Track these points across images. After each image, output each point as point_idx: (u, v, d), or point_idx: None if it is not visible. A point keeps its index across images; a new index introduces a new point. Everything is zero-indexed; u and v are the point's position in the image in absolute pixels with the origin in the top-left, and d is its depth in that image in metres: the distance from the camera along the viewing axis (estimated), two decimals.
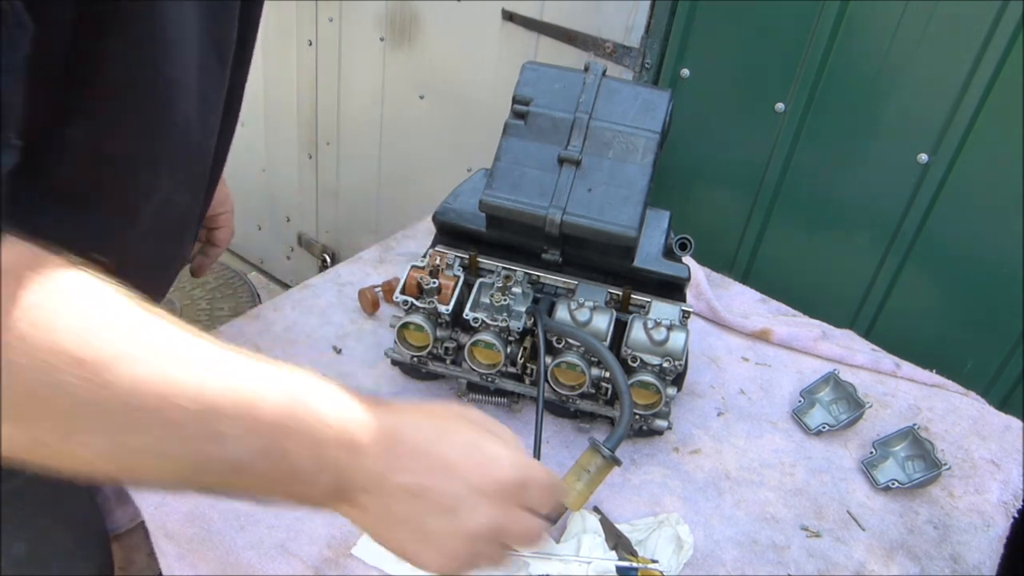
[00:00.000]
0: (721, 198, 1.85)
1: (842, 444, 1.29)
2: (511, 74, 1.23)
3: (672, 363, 1.11)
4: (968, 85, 1.45)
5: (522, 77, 1.21)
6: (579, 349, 1.12)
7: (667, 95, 1.19)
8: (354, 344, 1.36)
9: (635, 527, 1.10)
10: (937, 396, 1.42)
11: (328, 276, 1.51)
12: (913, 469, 1.24)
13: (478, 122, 2.19)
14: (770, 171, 1.73)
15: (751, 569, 1.08)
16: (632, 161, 1.15)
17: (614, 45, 1.82)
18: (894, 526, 1.17)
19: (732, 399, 1.36)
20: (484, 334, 1.13)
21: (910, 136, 1.55)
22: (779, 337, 1.49)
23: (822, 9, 1.54)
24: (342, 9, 2.36)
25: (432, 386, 1.29)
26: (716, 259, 1.74)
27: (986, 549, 1.15)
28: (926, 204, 1.59)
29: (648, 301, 1.19)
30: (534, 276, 1.21)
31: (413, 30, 2.22)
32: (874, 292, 1.74)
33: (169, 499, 1.05)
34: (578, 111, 1.17)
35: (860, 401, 1.30)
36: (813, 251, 1.78)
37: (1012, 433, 1.36)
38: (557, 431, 1.24)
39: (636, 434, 1.23)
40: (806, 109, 1.64)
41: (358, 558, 1.01)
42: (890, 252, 1.67)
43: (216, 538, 1.02)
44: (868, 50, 1.54)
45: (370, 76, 2.39)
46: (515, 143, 1.17)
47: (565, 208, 1.12)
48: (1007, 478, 1.27)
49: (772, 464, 1.24)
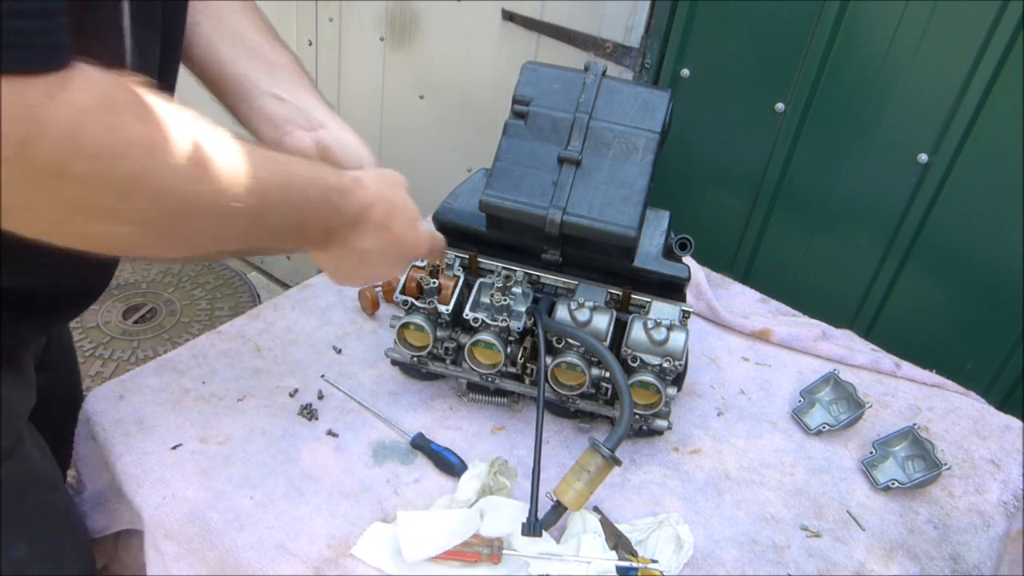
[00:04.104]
0: (721, 198, 1.85)
1: (842, 444, 1.29)
2: (511, 74, 1.23)
3: (672, 363, 1.11)
4: (968, 85, 1.45)
5: (522, 77, 1.21)
6: (579, 349, 1.12)
7: (667, 95, 1.19)
8: (354, 344, 1.36)
9: (635, 527, 1.10)
10: (937, 396, 1.42)
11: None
12: (913, 469, 1.24)
13: (478, 122, 2.19)
14: (770, 171, 1.73)
15: (751, 569, 1.08)
16: (632, 161, 1.15)
17: (614, 45, 1.82)
18: (894, 526, 1.17)
19: (732, 399, 1.36)
20: (484, 334, 1.13)
21: (910, 136, 1.55)
22: (779, 337, 1.49)
23: (822, 9, 1.54)
24: (342, 9, 2.36)
25: (432, 386, 1.29)
26: (716, 259, 1.74)
27: (986, 549, 1.15)
28: (926, 204, 1.59)
29: (648, 301, 1.19)
30: (534, 276, 1.21)
31: (413, 30, 2.22)
32: (874, 292, 1.74)
33: (169, 499, 1.05)
34: (578, 111, 1.17)
35: (860, 401, 1.30)
36: (813, 251, 1.78)
37: (1012, 433, 1.36)
38: (557, 431, 1.24)
39: (636, 434, 1.23)
40: (806, 109, 1.64)
41: (358, 558, 1.01)
42: (890, 252, 1.67)
43: (216, 538, 1.02)
44: (868, 50, 1.54)
45: (370, 76, 2.39)
46: (515, 143, 1.17)
47: (565, 208, 1.12)
48: (1007, 478, 1.27)
49: (772, 464, 1.24)
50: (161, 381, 1.22)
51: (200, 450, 1.12)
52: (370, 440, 1.18)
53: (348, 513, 1.07)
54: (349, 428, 1.19)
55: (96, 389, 1.20)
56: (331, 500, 1.08)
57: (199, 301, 2.92)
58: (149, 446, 1.12)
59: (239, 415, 1.19)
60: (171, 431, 1.14)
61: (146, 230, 0.66)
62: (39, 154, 0.55)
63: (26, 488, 0.93)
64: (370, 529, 1.04)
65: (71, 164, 0.57)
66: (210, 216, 0.70)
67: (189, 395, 1.21)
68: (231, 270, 3.08)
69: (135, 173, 0.61)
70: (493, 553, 1.00)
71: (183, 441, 1.13)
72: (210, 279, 3.03)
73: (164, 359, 1.28)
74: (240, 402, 1.21)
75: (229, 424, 1.17)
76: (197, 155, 0.65)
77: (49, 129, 0.55)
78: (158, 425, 1.15)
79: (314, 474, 1.11)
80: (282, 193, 0.76)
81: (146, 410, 1.17)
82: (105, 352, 2.64)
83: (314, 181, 0.81)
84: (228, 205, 0.70)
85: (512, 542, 1.03)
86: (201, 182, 0.66)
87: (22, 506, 0.93)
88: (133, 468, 1.09)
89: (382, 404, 1.24)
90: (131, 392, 1.20)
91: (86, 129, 0.57)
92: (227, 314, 2.84)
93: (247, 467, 1.11)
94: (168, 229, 0.68)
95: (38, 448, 0.97)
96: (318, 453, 1.15)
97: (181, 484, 1.07)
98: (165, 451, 1.11)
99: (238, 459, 1.12)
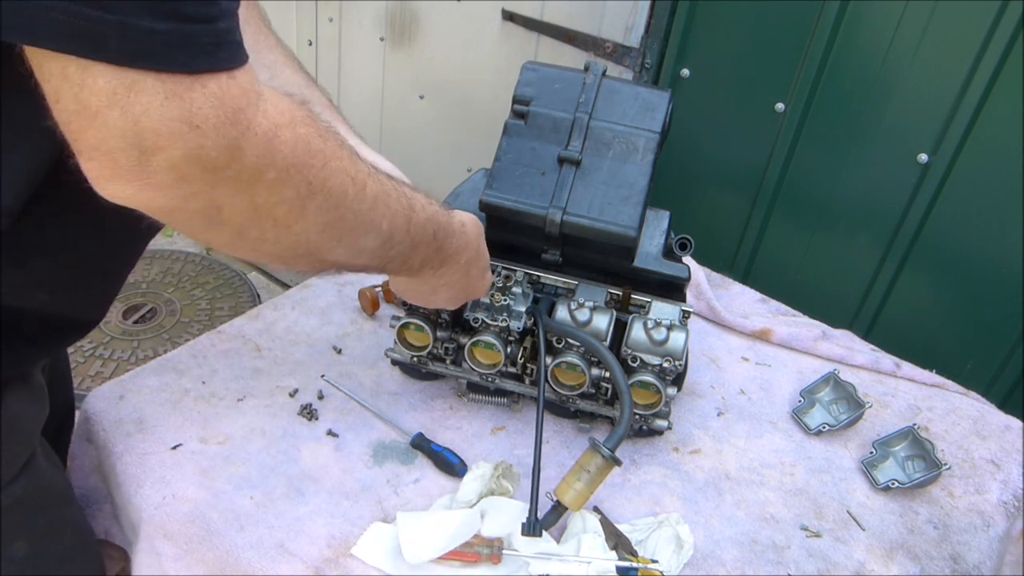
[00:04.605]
0: (721, 198, 1.85)
1: (842, 444, 1.29)
2: (511, 74, 1.23)
3: (672, 363, 1.11)
4: (968, 85, 1.45)
5: (522, 77, 1.21)
6: (579, 349, 1.12)
7: (667, 95, 1.19)
8: (354, 344, 1.36)
9: (635, 527, 1.10)
10: (937, 396, 1.42)
11: (328, 276, 1.52)
12: (913, 469, 1.24)
13: (478, 122, 2.20)
14: (770, 171, 1.74)
15: (751, 569, 1.08)
16: (632, 161, 1.15)
17: (614, 45, 1.82)
18: (894, 526, 1.17)
19: (732, 399, 1.36)
20: (484, 334, 1.13)
21: (910, 136, 1.55)
22: (779, 337, 1.49)
23: (822, 9, 1.54)
24: (342, 9, 2.36)
25: (432, 386, 1.29)
26: (716, 259, 1.74)
27: (986, 549, 1.15)
28: (926, 204, 1.59)
29: (648, 301, 1.19)
30: (534, 276, 1.21)
31: (413, 30, 2.22)
32: (874, 292, 1.74)
33: (169, 499, 1.05)
34: (578, 111, 1.17)
35: (860, 401, 1.30)
36: (813, 251, 1.78)
37: (1012, 433, 1.36)
38: (557, 431, 1.24)
39: (636, 434, 1.23)
40: (806, 109, 1.64)
41: (358, 558, 1.01)
42: (890, 252, 1.67)
43: (216, 538, 1.02)
44: (868, 50, 1.54)
45: (370, 76, 2.40)
46: (515, 143, 1.17)
47: (565, 208, 1.12)
48: (1007, 478, 1.27)
49: (772, 464, 1.24)
50: (161, 381, 1.23)
51: (200, 450, 1.12)
52: (370, 440, 1.18)
53: (348, 513, 1.07)
54: (349, 428, 1.19)
55: (96, 389, 1.20)
56: (331, 500, 1.08)
57: (199, 301, 2.92)
58: (149, 446, 1.12)
59: (239, 415, 1.19)
60: (171, 431, 1.14)
61: (310, 239, 0.69)
62: (245, 159, 0.58)
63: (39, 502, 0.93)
64: (370, 529, 1.04)
65: (266, 171, 0.61)
66: (359, 233, 0.74)
67: (189, 395, 1.21)
68: (231, 270, 3.08)
69: (312, 184, 0.65)
70: (493, 553, 1.00)
71: (183, 441, 1.13)
72: (210, 279, 3.03)
73: (164, 359, 1.28)
74: (240, 402, 1.21)
75: (229, 424, 1.17)
76: (356, 173, 0.70)
77: (252, 136, 0.58)
78: (158, 425, 1.15)
79: (314, 474, 1.11)
80: (406, 223, 0.81)
81: (146, 410, 1.17)
82: (105, 352, 2.64)
83: (431, 218, 0.86)
84: (374, 223, 0.75)
85: (512, 542, 1.03)
86: (357, 200, 0.71)
87: (36, 522, 0.93)
88: (133, 468, 1.09)
89: (382, 404, 1.24)
90: (131, 392, 1.20)
91: (279, 139, 0.60)
92: (227, 314, 2.84)
93: (247, 467, 1.11)
94: (326, 240, 0.71)
95: (50, 462, 0.97)
96: (318, 453, 1.15)
97: (181, 484, 1.07)
98: (165, 451, 1.11)
99: (238, 459, 1.12)
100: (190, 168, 0.56)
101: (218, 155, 0.56)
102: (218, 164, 0.57)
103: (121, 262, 0.96)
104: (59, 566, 0.99)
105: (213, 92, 0.55)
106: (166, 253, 3.12)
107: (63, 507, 1.00)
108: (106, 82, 0.52)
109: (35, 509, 0.92)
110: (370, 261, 0.81)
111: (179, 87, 0.54)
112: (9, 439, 0.86)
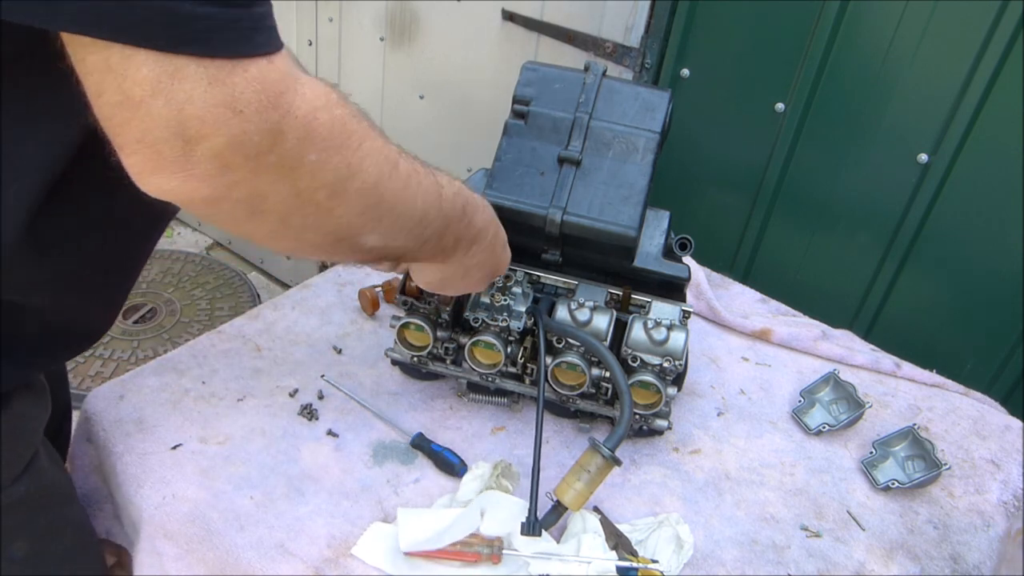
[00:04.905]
0: (721, 198, 1.85)
1: (842, 444, 1.29)
2: (511, 74, 1.23)
3: (672, 363, 1.11)
4: (968, 85, 1.45)
5: (522, 77, 1.21)
6: (579, 349, 1.12)
7: (667, 95, 1.19)
8: (354, 344, 1.36)
9: (635, 527, 1.10)
10: (937, 396, 1.42)
11: (328, 276, 1.52)
12: (913, 469, 1.24)
13: (478, 122, 2.19)
14: (770, 171, 1.74)
15: (751, 569, 1.08)
16: (632, 161, 1.15)
17: (614, 45, 1.82)
18: (894, 526, 1.17)
19: (732, 399, 1.36)
20: (484, 334, 1.13)
21: (910, 136, 1.55)
22: (779, 337, 1.49)
23: (822, 9, 1.54)
24: (342, 9, 2.36)
25: (432, 386, 1.29)
26: (716, 259, 1.74)
27: (986, 549, 1.15)
28: (926, 204, 1.59)
29: (648, 301, 1.19)
30: (534, 276, 1.21)
31: (413, 30, 2.22)
32: (874, 292, 1.74)
33: (169, 499, 1.05)
34: (578, 111, 1.17)
35: (860, 401, 1.30)
36: (813, 251, 1.78)
37: (1012, 433, 1.36)
38: (557, 431, 1.24)
39: (636, 434, 1.23)
40: (806, 109, 1.64)
41: (358, 558, 1.01)
42: (890, 252, 1.67)
43: (216, 538, 1.02)
44: (868, 50, 1.54)
45: (370, 76, 2.39)
46: (515, 143, 1.17)
47: (565, 208, 1.12)
48: (1007, 478, 1.27)
49: (772, 464, 1.24)
50: (161, 381, 1.23)
51: (200, 450, 1.12)
52: (370, 440, 1.18)
53: (348, 513, 1.07)
54: (349, 428, 1.19)
55: (96, 389, 1.20)
56: (331, 500, 1.08)
57: (199, 301, 2.92)
58: (149, 446, 1.12)
59: (239, 415, 1.19)
60: (171, 431, 1.14)
61: (351, 222, 0.69)
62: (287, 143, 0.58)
63: (41, 501, 0.93)
64: (370, 529, 1.04)
65: (307, 154, 0.60)
66: (397, 212, 0.74)
67: (189, 395, 1.21)
68: (231, 270, 3.08)
69: (351, 165, 0.65)
70: (493, 553, 1.00)
71: (183, 441, 1.13)
72: (210, 279, 3.03)
73: (164, 359, 1.28)
74: (240, 402, 1.21)
75: (229, 424, 1.17)
76: (388, 152, 0.70)
77: (293, 119, 0.58)
78: (158, 425, 1.15)
79: (314, 474, 1.11)
80: (437, 199, 0.80)
81: (146, 410, 1.17)
82: (105, 352, 2.64)
83: (458, 193, 0.86)
84: (410, 201, 0.75)
85: (512, 542, 1.03)
86: (393, 179, 0.71)
87: (37, 521, 0.93)
88: (133, 468, 1.09)
89: (382, 404, 1.24)
90: (131, 392, 1.20)
91: (318, 121, 0.60)
92: (227, 314, 2.84)
93: (247, 467, 1.11)
94: (366, 222, 0.71)
95: (52, 461, 0.97)
96: (318, 453, 1.15)
97: (181, 484, 1.07)
98: (165, 451, 1.11)
99: (238, 459, 1.12)
100: (233, 156, 0.56)
101: (260, 140, 0.56)
102: (261, 149, 0.57)
103: (129, 266, 0.96)
104: (59, 566, 0.99)
105: (254, 76, 0.55)
106: (166, 253, 3.12)
107: (64, 506, 1.00)
108: (149, 70, 0.52)
109: (36, 509, 0.93)
110: (407, 242, 0.81)
111: (221, 72, 0.54)
112: (13, 439, 0.86)
